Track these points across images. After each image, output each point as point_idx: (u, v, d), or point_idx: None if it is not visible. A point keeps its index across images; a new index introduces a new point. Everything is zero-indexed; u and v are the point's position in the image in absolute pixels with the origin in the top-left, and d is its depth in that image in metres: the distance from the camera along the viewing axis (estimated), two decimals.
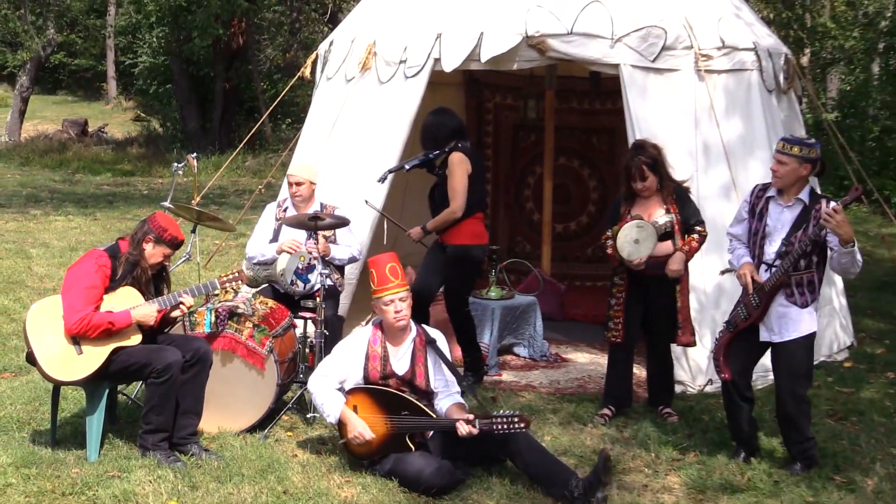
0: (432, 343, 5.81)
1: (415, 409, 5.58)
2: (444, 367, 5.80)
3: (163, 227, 5.81)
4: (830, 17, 23.12)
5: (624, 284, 6.65)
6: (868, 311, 10.29)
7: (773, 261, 5.70)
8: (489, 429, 5.37)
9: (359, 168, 7.93)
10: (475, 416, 5.45)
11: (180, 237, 5.89)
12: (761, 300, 5.70)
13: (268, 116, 18.98)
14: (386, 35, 8.07)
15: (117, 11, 34.31)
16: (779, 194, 5.76)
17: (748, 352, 5.87)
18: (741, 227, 5.98)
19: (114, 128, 29.54)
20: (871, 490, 5.58)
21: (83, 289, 5.61)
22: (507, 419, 5.34)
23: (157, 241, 5.79)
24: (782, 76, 8.32)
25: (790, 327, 5.69)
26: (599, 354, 8.27)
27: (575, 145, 10.51)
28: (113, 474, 5.44)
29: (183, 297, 5.84)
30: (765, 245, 5.77)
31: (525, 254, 10.40)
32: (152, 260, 5.81)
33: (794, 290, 5.66)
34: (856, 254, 5.51)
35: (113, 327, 5.58)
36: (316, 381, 5.78)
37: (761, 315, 5.73)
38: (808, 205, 5.66)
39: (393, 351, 5.75)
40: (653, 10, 7.66)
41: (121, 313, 5.63)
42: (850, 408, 7.09)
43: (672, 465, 5.92)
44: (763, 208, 5.81)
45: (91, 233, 13.39)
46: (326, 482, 5.47)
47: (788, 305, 5.68)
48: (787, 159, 5.64)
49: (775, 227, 5.74)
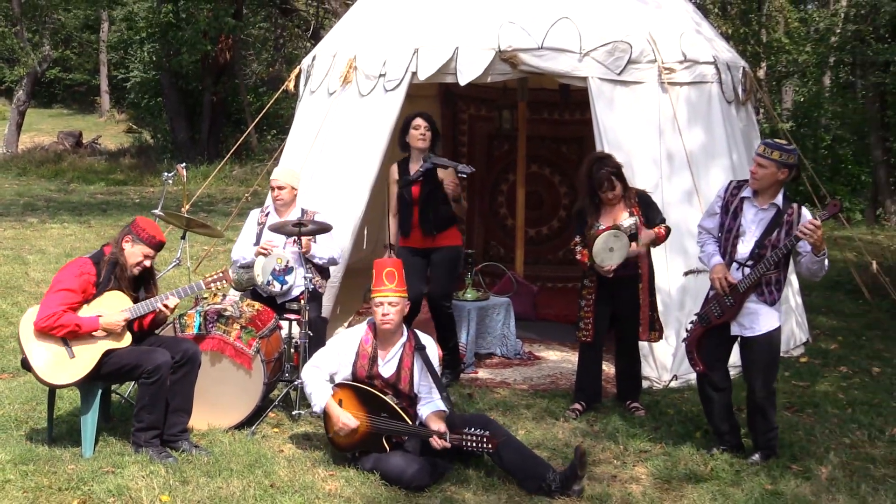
0: (422, 349, 5.76)
1: (393, 413, 5.55)
2: (430, 374, 5.74)
3: (141, 227, 5.76)
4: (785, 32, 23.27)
5: (593, 286, 6.66)
6: (822, 310, 10.34)
7: (744, 260, 5.68)
8: (459, 444, 5.35)
9: (340, 176, 7.91)
10: (447, 431, 5.41)
11: (158, 237, 5.79)
12: (735, 300, 5.70)
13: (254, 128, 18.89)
14: (366, 50, 8.06)
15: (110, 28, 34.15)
16: (754, 196, 5.73)
17: (719, 345, 5.88)
18: (713, 221, 5.95)
19: (107, 139, 29.36)
20: (825, 478, 5.60)
21: (60, 290, 5.57)
22: (477, 438, 5.31)
23: (135, 239, 5.73)
24: (740, 88, 8.36)
25: (761, 322, 5.70)
26: (570, 352, 8.27)
27: (546, 154, 10.52)
28: (107, 470, 5.40)
29: (169, 298, 5.79)
30: (737, 244, 5.74)
31: (499, 257, 10.41)
32: (132, 259, 5.72)
33: (763, 290, 5.67)
34: (824, 260, 5.54)
35: (79, 329, 5.53)
36: (308, 371, 5.78)
37: (735, 313, 5.73)
38: (781, 209, 5.66)
39: (382, 353, 5.72)
40: (618, 25, 7.68)
41: (89, 318, 5.58)
42: (806, 400, 7.12)
43: (639, 457, 5.93)
44: (738, 207, 5.78)
45: (85, 239, 13.29)
46: (311, 476, 5.44)
47: (759, 303, 5.70)
48: (767, 163, 5.60)
49: (748, 228, 5.72)
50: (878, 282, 9.74)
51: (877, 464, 5.84)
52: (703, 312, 5.91)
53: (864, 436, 6.34)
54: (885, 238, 15.30)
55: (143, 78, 27.05)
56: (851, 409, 6.90)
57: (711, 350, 5.87)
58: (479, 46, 7.55)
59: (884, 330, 9.43)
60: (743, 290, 5.66)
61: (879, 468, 5.77)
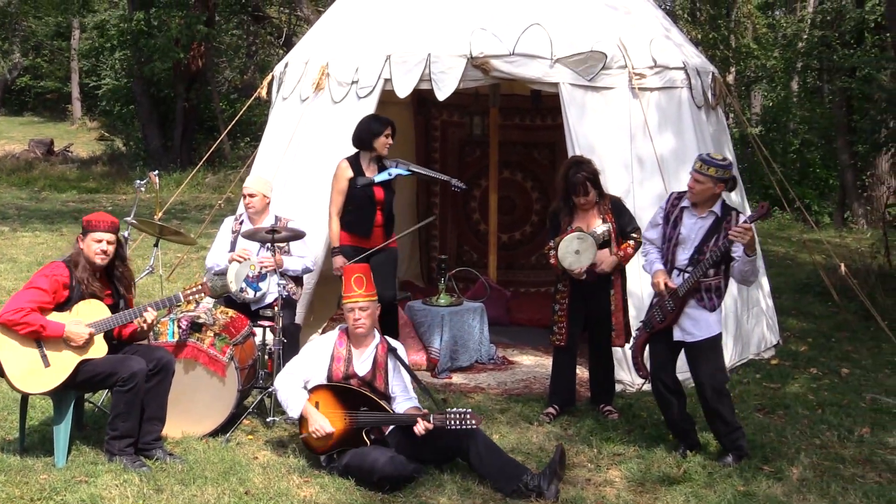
0: (393, 351, 5.87)
1: (373, 405, 5.59)
2: (403, 373, 5.84)
3: (87, 220, 5.70)
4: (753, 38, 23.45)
5: (567, 291, 6.68)
6: (792, 312, 10.42)
7: (685, 266, 5.82)
8: (442, 424, 5.39)
9: (314, 183, 7.88)
10: (429, 413, 5.49)
11: (107, 219, 5.68)
12: (675, 304, 5.79)
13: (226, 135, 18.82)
14: (338, 57, 8.04)
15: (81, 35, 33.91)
16: (693, 206, 5.87)
17: (665, 349, 5.96)
18: (655, 232, 6.08)
19: (79, 147, 29.12)
20: (796, 478, 5.65)
21: (29, 290, 5.54)
22: (460, 415, 5.40)
23: (84, 233, 5.67)
24: (710, 93, 8.41)
25: (702, 327, 5.80)
26: (544, 356, 8.28)
27: (518, 159, 10.54)
28: (80, 479, 5.35)
29: (147, 311, 5.75)
30: (677, 252, 5.88)
31: (472, 262, 10.41)
32: (89, 252, 5.64)
33: (703, 296, 5.79)
34: (755, 262, 5.67)
35: (43, 331, 5.48)
36: (282, 379, 5.81)
37: (675, 317, 5.83)
38: (719, 216, 5.79)
39: (356, 353, 5.79)
40: (589, 31, 7.71)
41: (55, 322, 5.53)
42: (777, 402, 7.17)
43: (613, 460, 5.95)
44: (678, 217, 5.92)
45: (57, 248, 13.16)
46: (286, 483, 5.42)
47: (699, 309, 5.79)
48: (703, 178, 5.77)
49: (688, 236, 5.85)
50: (847, 284, 9.81)
51: (846, 464, 5.89)
52: (646, 318, 6.04)
53: (834, 436, 6.39)
54: (852, 241, 15.43)
55: (115, 85, 26.86)
56: (821, 410, 6.95)
57: (658, 354, 5.98)
58: (451, 53, 7.55)
59: (852, 331, 9.51)
60: (682, 293, 5.76)
61: (849, 468, 5.82)
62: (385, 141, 7.27)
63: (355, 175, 7.27)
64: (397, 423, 5.61)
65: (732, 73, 22.42)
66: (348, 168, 7.29)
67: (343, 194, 7.30)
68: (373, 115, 7.47)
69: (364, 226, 7.31)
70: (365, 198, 7.29)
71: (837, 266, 9.88)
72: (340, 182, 7.29)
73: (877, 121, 13.50)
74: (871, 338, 9.20)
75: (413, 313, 8.13)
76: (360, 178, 7.27)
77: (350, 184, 7.27)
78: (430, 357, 7.90)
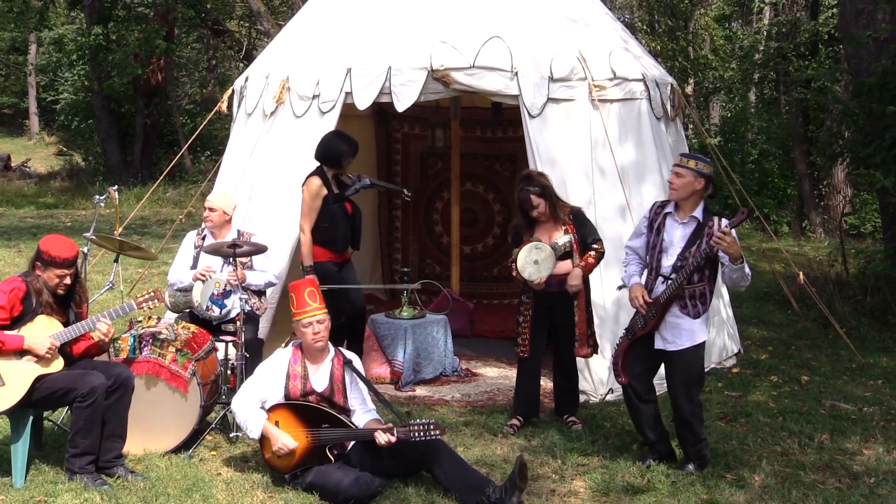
0: (349, 363, 5.84)
1: (335, 422, 5.56)
2: (361, 385, 5.82)
3: (43, 249, 5.58)
4: (711, 49, 23.70)
5: (530, 303, 6.70)
6: (752, 321, 10.51)
7: (669, 273, 5.79)
8: (406, 437, 5.37)
9: (277, 198, 7.85)
10: (393, 425, 5.45)
11: (63, 255, 5.56)
12: (657, 311, 5.79)
13: (187, 149, 18.70)
14: (298, 70, 8.02)
15: (38, 50, 33.58)
16: (675, 210, 5.86)
17: (645, 357, 5.95)
18: (639, 241, 6.06)
19: (36, 162, 28.83)
20: (758, 486, 5.69)
21: None
22: (424, 427, 5.38)
23: (43, 264, 5.59)
24: (669, 104, 8.49)
25: (683, 336, 5.78)
26: (507, 368, 8.29)
27: (480, 171, 10.57)
28: (40, 499, 5.28)
29: (100, 321, 5.68)
30: (661, 259, 5.85)
31: (435, 275, 10.41)
32: (50, 283, 5.59)
33: (686, 303, 5.76)
34: (745, 268, 5.64)
35: (3, 346, 5.42)
36: (238, 401, 5.74)
37: (657, 324, 5.81)
38: (701, 222, 5.78)
39: (312, 369, 5.75)
40: (549, 44, 7.75)
41: (14, 335, 5.46)
42: (739, 410, 7.22)
43: (577, 470, 5.96)
44: (661, 224, 5.90)
45: (15, 264, 12.98)
46: (250, 498, 5.38)
47: (682, 316, 5.78)
48: (684, 172, 5.77)
49: (671, 242, 5.84)
50: (806, 292, 9.92)
51: (807, 470, 5.94)
52: (629, 325, 6.02)
53: (795, 443, 6.45)
54: (810, 249, 15.60)
55: (74, 100, 26.63)
56: (782, 418, 7.02)
57: (636, 361, 5.96)
58: (412, 66, 7.56)
59: (811, 339, 9.60)
60: (664, 300, 5.75)
61: (809, 474, 5.88)
62: (351, 161, 7.37)
63: (328, 191, 7.26)
64: (361, 438, 5.57)
65: (691, 85, 22.63)
66: (322, 186, 7.26)
67: (317, 211, 7.26)
68: (340, 133, 7.45)
69: (342, 241, 7.35)
70: (339, 213, 7.28)
71: (796, 275, 9.99)
72: (317, 199, 7.24)
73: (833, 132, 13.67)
74: (830, 345, 9.30)
75: (376, 326, 8.10)
76: (332, 195, 7.27)
77: (324, 200, 7.25)
78: (393, 370, 7.88)
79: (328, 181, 7.29)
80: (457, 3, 7.98)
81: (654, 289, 5.86)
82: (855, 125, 11.49)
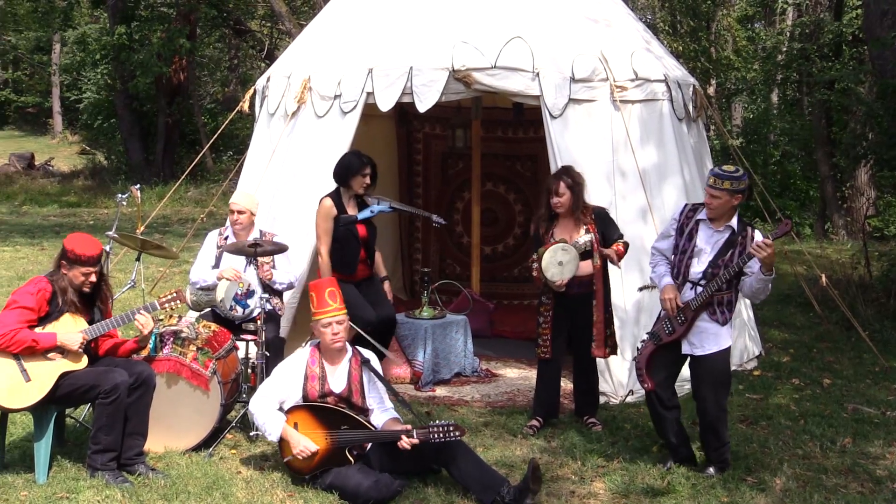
0: (367, 363, 5.84)
1: (354, 423, 5.56)
2: (379, 384, 5.82)
3: (70, 249, 5.61)
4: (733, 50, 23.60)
5: (551, 303, 6.68)
6: (774, 323, 10.45)
7: (698, 279, 5.75)
8: (426, 438, 5.37)
9: (298, 198, 7.86)
10: (413, 428, 5.45)
11: (88, 253, 5.60)
12: (687, 317, 5.75)
13: (209, 148, 18.77)
14: (320, 70, 8.04)
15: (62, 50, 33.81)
16: (710, 219, 5.80)
17: (670, 363, 5.91)
18: (667, 243, 6.01)
19: (60, 161, 29.03)
20: (779, 489, 5.65)
21: (15, 308, 5.50)
22: (443, 428, 5.37)
23: (69, 262, 5.62)
24: (691, 105, 8.45)
25: (711, 341, 5.75)
26: (527, 369, 8.28)
27: (500, 171, 10.56)
28: (62, 496, 5.31)
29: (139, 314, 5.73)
30: (691, 264, 5.80)
31: (455, 275, 10.40)
32: (75, 281, 5.63)
33: (715, 309, 5.74)
34: (769, 281, 5.60)
35: (37, 346, 5.45)
36: (256, 403, 5.75)
37: (686, 331, 5.78)
38: (735, 230, 5.73)
39: (330, 370, 5.75)
40: (570, 44, 7.74)
41: (47, 334, 5.50)
42: (760, 413, 7.18)
43: (597, 472, 5.94)
44: (693, 229, 5.84)
45: (38, 262, 13.09)
46: (270, 497, 5.39)
47: (710, 322, 5.75)
48: (719, 193, 5.66)
49: (703, 249, 5.78)
50: (828, 295, 9.86)
51: (829, 474, 5.90)
52: (654, 330, 5.97)
53: (817, 447, 6.41)
54: (833, 252, 15.51)
55: (97, 99, 26.79)
56: (804, 421, 6.97)
57: (661, 368, 5.92)
58: (433, 66, 7.56)
59: (834, 342, 9.54)
60: (694, 308, 5.71)
61: (831, 478, 5.83)
62: (362, 181, 7.21)
63: (339, 212, 7.24)
64: (380, 440, 5.57)
65: (713, 86, 22.54)
66: (332, 207, 7.21)
67: (330, 233, 7.21)
68: (354, 153, 7.38)
69: (350, 264, 7.25)
70: (349, 236, 7.22)
71: (819, 277, 9.92)
72: (327, 221, 7.21)
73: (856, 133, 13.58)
74: (853, 348, 9.24)
75: (396, 326, 8.10)
76: (342, 217, 7.22)
77: (334, 222, 7.23)
78: (413, 370, 7.88)
79: (341, 202, 7.27)
80: (478, 4, 7.97)
81: (682, 294, 5.82)
82: (879, 127, 11.42)
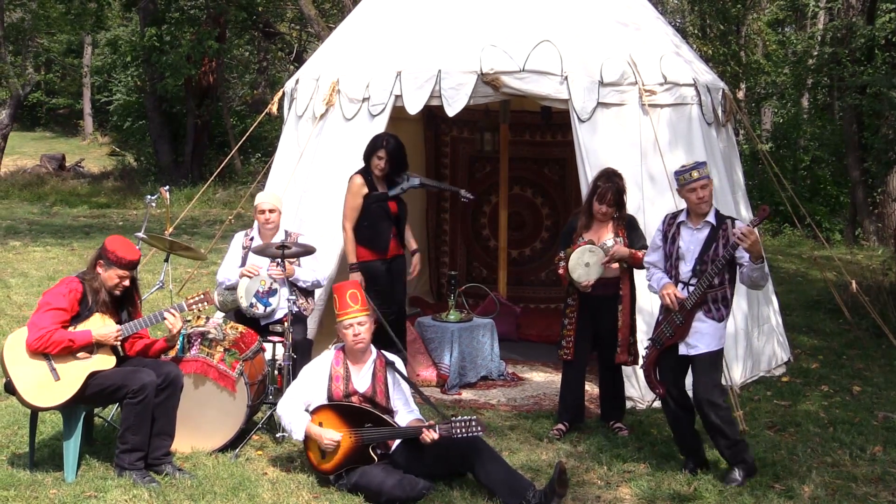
0: (391, 365, 5.88)
1: (378, 421, 5.59)
2: (404, 386, 5.85)
3: (109, 250, 5.67)
4: (763, 54, 23.47)
5: (575, 305, 6.68)
6: (803, 329, 10.38)
7: (688, 279, 5.82)
8: (448, 433, 5.40)
9: (326, 200, 7.88)
10: (435, 424, 5.48)
11: (128, 257, 5.68)
12: (684, 318, 5.77)
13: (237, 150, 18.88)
14: (349, 73, 8.06)
15: (93, 52, 34.10)
16: (687, 218, 5.91)
17: (675, 365, 5.94)
18: (657, 255, 6.09)
19: (90, 162, 29.27)
20: (807, 496, 5.61)
21: (49, 309, 5.55)
22: (465, 423, 5.42)
23: (107, 263, 5.68)
24: (720, 110, 8.41)
25: (703, 341, 5.79)
26: (554, 373, 8.26)
27: (528, 175, 10.55)
28: (90, 494, 5.35)
29: (168, 312, 5.78)
30: (679, 266, 5.89)
31: (482, 278, 10.40)
32: (109, 283, 5.69)
33: (710, 307, 5.78)
34: (764, 268, 5.69)
35: (73, 345, 5.50)
36: (283, 405, 5.81)
37: (685, 332, 5.81)
38: (715, 226, 5.81)
39: (354, 371, 5.79)
40: (599, 48, 7.72)
41: (81, 332, 5.55)
42: (788, 419, 7.13)
43: (623, 477, 5.92)
44: (675, 233, 5.94)
45: (68, 262, 13.21)
46: (295, 499, 5.41)
47: (705, 320, 5.78)
48: (707, 181, 5.84)
49: (688, 249, 5.87)
50: (858, 301, 9.78)
51: (858, 482, 5.85)
52: (655, 335, 6.01)
53: (846, 455, 6.35)
54: (863, 258, 15.37)
55: (127, 101, 27.02)
56: (833, 428, 6.91)
57: (668, 371, 5.96)
58: (461, 69, 7.57)
59: (864, 349, 9.46)
60: (690, 306, 5.76)
61: (861, 487, 5.79)
62: (377, 163, 7.26)
63: (370, 190, 7.28)
64: (403, 436, 5.59)
65: (742, 90, 22.43)
66: (363, 184, 7.28)
67: (358, 210, 7.27)
68: (380, 133, 7.48)
69: (382, 241, 7.32)
70: (381, 212, 7.29)
71: (849, 283, 9.85)
72: (356, 198, 7.27)
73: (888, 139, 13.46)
74: (883, 355, 9.15)
75: (423, 329, 8.12)
76: (374, 193, 7.28)
77: (365, 199, 7.27)
78: (439, 373, 7.89)
79: (371, 180, 7.31)
80: (507, 7, 7.97)
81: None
82: None
